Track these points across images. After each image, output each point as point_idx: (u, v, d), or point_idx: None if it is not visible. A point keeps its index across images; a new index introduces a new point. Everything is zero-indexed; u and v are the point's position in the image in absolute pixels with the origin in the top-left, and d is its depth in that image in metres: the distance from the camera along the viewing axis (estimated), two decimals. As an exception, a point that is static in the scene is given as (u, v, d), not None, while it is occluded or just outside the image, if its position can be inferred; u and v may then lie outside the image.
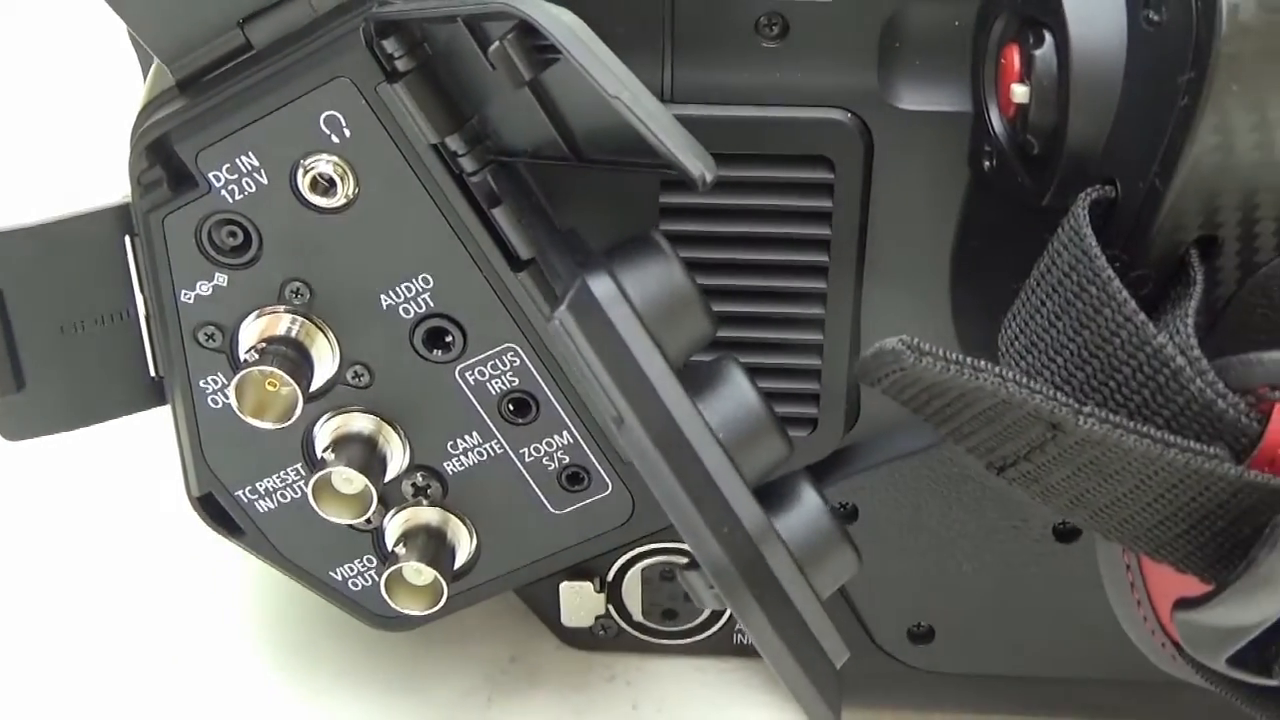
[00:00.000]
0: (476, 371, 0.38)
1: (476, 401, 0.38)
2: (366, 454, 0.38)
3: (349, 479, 0.38)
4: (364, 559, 0.41)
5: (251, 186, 0.36)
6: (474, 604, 0.42)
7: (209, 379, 0.38)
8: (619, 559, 0.44)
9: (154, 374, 0.39)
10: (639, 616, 0.45)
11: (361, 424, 0.39)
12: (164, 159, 0.36)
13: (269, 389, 0.37)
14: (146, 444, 0.50)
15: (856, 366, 0.30)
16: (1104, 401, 0.30)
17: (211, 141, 0.35)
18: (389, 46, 0.34)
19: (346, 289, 0.37)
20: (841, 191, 0.36)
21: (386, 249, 0.36)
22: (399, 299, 0.37)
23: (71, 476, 0.52)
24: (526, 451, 0.39)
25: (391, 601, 0.40)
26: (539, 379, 0.38)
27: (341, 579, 0.42)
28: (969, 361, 0.28)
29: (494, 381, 0.38)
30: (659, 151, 0.28)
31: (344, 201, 0.36)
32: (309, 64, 0.34)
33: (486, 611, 0.48)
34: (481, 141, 0.35)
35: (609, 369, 0.28)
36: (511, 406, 0.38)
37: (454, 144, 0.35)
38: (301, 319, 0.37)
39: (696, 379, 0.31)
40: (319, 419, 0.39)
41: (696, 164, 0.28)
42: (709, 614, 0.45)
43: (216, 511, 0.40)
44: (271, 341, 0.37)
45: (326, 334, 0.38)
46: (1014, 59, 0.33)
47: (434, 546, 0.40)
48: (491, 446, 0.39)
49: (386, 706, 0.45)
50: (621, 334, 0.28)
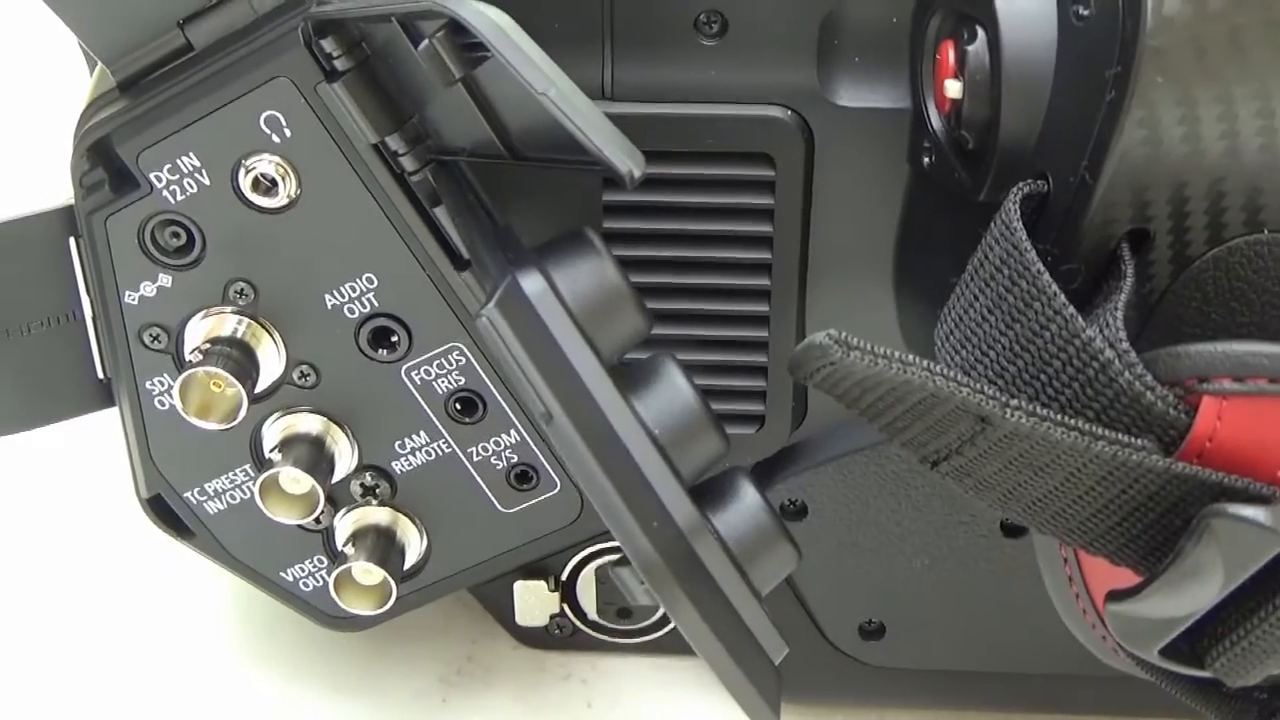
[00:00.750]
0: (422, 371, 0.38)
1: (423, 401, 0.38)
2: (314, 454, 0.38)
3: (296, 479, 0.38)
4: (314, 559, 0.41)
5: (193, 187, 0.36)
6: (426, 603, 0.42)
7: (155, 380, 0.38)
8: (572, 558, 0.44)
9: (102, 376, 0.39)
10: (594, 615, 0.45)
11: (309, 424, 0.39)
12: (105, 160, 0.36)
13: (213, 390, 0.37)
14: (108, 443, 0.50)
15: (789, 361, 0.30)
16: (1036, 395, 0.30)
17: (152, 142, 0.35)
18: (327, 46, 0.34)
19: (291, 289, 0.37)
20: (783, 188, 0.36)
21: (330, 249, 0.36)
22: (343, 299, 0.37)
23: (26, 476, 0.52)
24: (474, 451, 0.39)
25: (341, 601, 0.40)
26: (485, 378, 0.38)
27: (292, 580, 0.42)
28: (896, 355, 0.28)
29: (440, 381, 0.38)
30: (586, 148, 0.28)
31: (286, 201, 0.36)
32: (249, 64, 0.34)
33: (444, 611, 0.48)
34: (422, 141, 0.35)
35: (538, 365, 0.28)
36: (458, 406, 0.38)
37: (394, 143, 0.35)
38: (247, 320, 0.37)
39: (633, 376, 0.31)
40: (266, 419, 0.39)
41: (625, 160, 0.28)
42: (664, 613, 0.45)
43: (166, 513, 0.40)
44: (216, 342, 0.37)
45: (272, 334, 0.38)
46: (949, 55, 0.33)
47: (383, 546, 0.40)
48: (439, 446, 0.39)
49: (342, 706, 0.45)
50: (551, 330, 0.28)
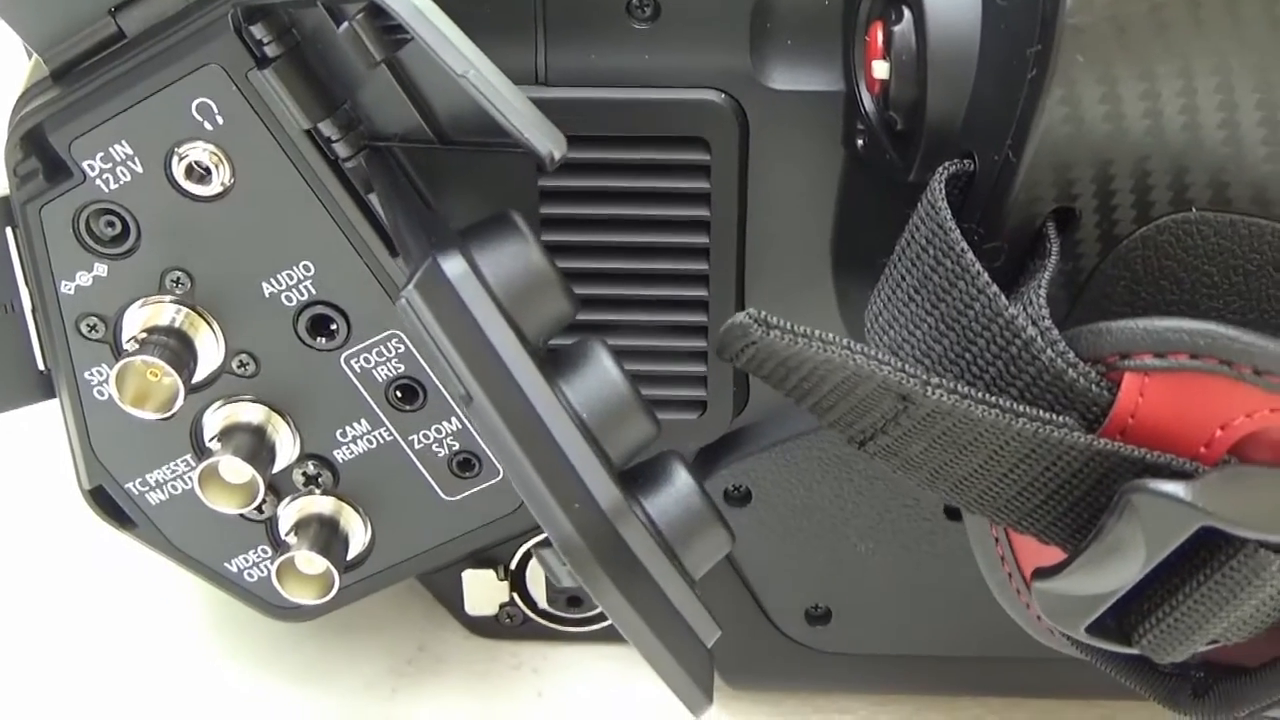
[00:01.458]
0: (362, 359, 0.38)
1: (364, 389, 0.38)
2: (254, 443, 0.38)
3: (236, 469, 0.38)
4: (258, 550, 0.41)
5: (126, 175, 0.36)
6: (372, 593, 0.42)
7: (94, 370, 0.38)
8: (521, 547, 0.44)
9: (42, 367, 0.39)
10: (544, 604, 0.45)
11: (250, 413, 0.39)
12: (39, 149, 0.36)
13: (150, 379, 0.37)
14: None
15: (715, 342, 0.30)
16: (962, 374, 0.30)
17: (84, 130, 0.35)
18: (257, 32, 0.34)
19: (227, 278, 0.37)
20: (718, 172, 0.36)
21: (266, 236, 0.36)
22: (281, 287, 0.37)
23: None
24: (416, 438, 0.39)
25: (283, 591, 0.39)
26: (425, 366, 0.38)
27: (237, 570, 0.41)
28: (816, 334, 0.28)
29: (380, 368, 0.38)
30: (506, 130, 0.28)
31: (220, 189, 0.36)
32: (179, 51, 0.34)
33: (395, 602, 0.48)
34: (355, 127, 0.35)
35: (458, 347, 0.28)
36: (399, 393, 0.38)
37: (327, 129, 0.35)
38: (185, 308, 0.37)
39: (561, 360, 0.31)
40: (207, 409, 0.39)
41: (545, 142, 0.28)
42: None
43: (108, 504, 0.40)
44: (153, 331, 0.37)
45: (210, 323, 0.38)
46: (877, 36, 0.33)
47: (326, 535, 0.40)
48: (381, 434, 0.39)
49: (291, 696, 0.45)
50: (473, 312, 0.28)
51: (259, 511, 0.40)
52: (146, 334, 0.37)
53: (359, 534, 0.41)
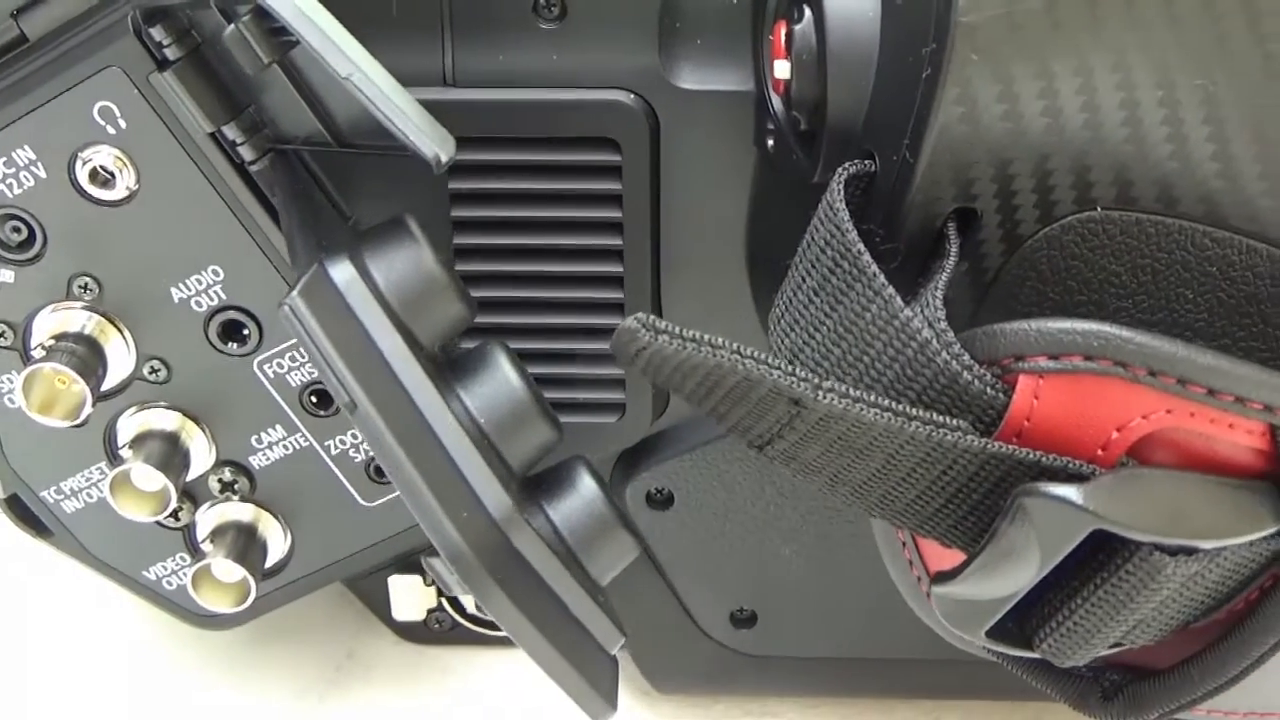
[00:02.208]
0: (275, 364, 0.38)
1: (278, 394, 0.38)
2: (167, 450, 0.38)
3: (148, 476, 0.38)
4: (177, 557, 0.41)
5: (30, 180, 0.35)
6: (293, 600, 0.42)
7: (4, 378, 0.38)
8: (447, 551, 0.44)
9: (-44, 375, 0.39)
10: (472, 609, 0.45)
11: (163, 420, 0.38)
12: (-57, 155, 0.35)
13: (58, 386, 0.36)
14: None
15: (611, 348, 0.29)
16: (860, 377, 0.29)
17: (-14, 135, 0.35)
18: (157, 34, 0.33)
19: (136, 283, 0.36)
20: (630, 173, 0.36)
21: (173, 241, 0.36)
22: (190, 292, 0.37)
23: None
24: (332, 444, 0.39)
25: (198, 599, 0.39)
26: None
27: (155, 578, 0.41)
28: (706, 339, 0.27)
29: (294, 374, 0.38)
30: (392, 133, 0.27)
31: (126, 194, 0.35)
32: (79, 54, 0.34)
33: (325, 608, 0.48)
34: (259, 130, 0.34)
35: (342, 353, 0.27)
36: (314, 399, 0.38)
37: (231, 133, 0.34)
38: (95, 315, 0.37)
39: (459, 365, 0.31)
40: (120, 415, 0.38)
41: (430, 145, 0.27)
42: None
43: (24, 512, 0.40)
44: (62, 338, 0.36)
45: (120, 329, 0.37)
46: (781, 35, 0.33)
47: (244, 543, 0.39)
48: (296, 440, 0.39)
49: (220, 704, 0.45)
50: (360, 318, 0.28)
51: (175, 519, 0.40)
52: (55, 340, 0.36)
53: (278, 541, 0.40)
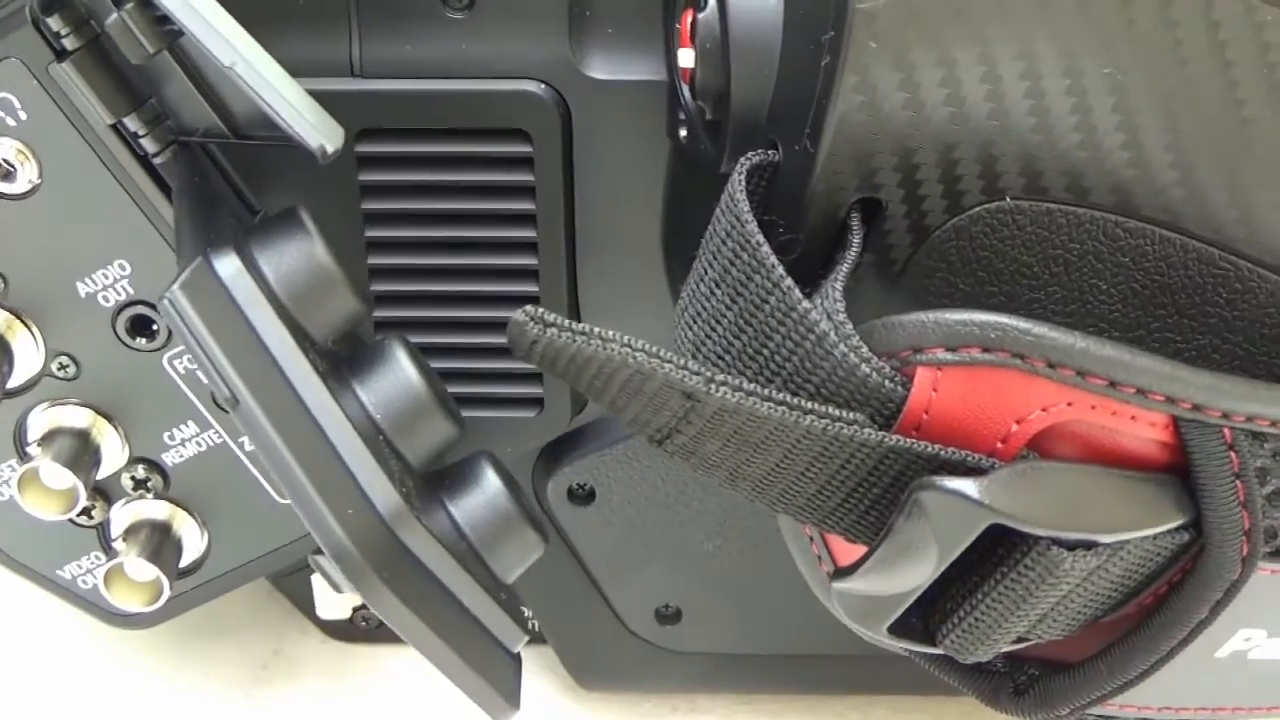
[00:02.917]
0: (186, 360, 0.37)
1: (189, 390, 0.37)
2: (77, 448, 0.37)
3: (58, 474, 0.37)
4: (91, 556, 0.40)
5: (-70, 174, 0.35)
6: (212, 598, 0.41)
7: (-92, 377, 0.37)
8: (371, 548, 0.43)
9: None
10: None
11: (74, 417, 0.38)
12: None
13: (-39, 383, 0.36)
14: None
15: (508, 342, 0.29)
16: (760, 370, 0.29)
17: (-116, 129, 0.34)
18: (54, 24, 0.33)
19: (42, 278, 0.36)
20: (542, 164, 0.35)
21: (78, 235, 0.35)
22: (97, 286, 0.36)
23: None
24: (246, 440, 0.38)
25: (110, 598, 0.38)
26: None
27: (70, 577, 0.40)
28: (596, 332, 0.27)
29: (205, 369, 0.37)
30: (277, 123, 0.27)
31: (28, 187, 0.35)
32: (-24, 46, 0.33)
33: (253, 606, 0.47)
34: (162, 122, 0.34)
35: (225, 348, 0.27)
36: (226, 394, 0.38)
37: (133, 124, 0.34)
38: (2, 310, 0.36)
39: (357, 360, 0.30)
40: (30, 412, 0.38)
41: (315, 136, 0.27)
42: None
43: (-65, 511, 0.39)
44: (-34, 334, 0.36)
45: (28, 325, 0.37)
46: (687, 24, 0.32)
47: (158, 541, 0.39)
48: (209, 436, 0.38)
49: (146, 702, 0.44)
50: (245, 311, 0.27)
51: (88, 517, 0.39)
52: (-42, 337, 0.36)
53: (194, 539, 0.40)
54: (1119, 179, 0.30)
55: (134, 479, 0.39)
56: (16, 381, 0.37)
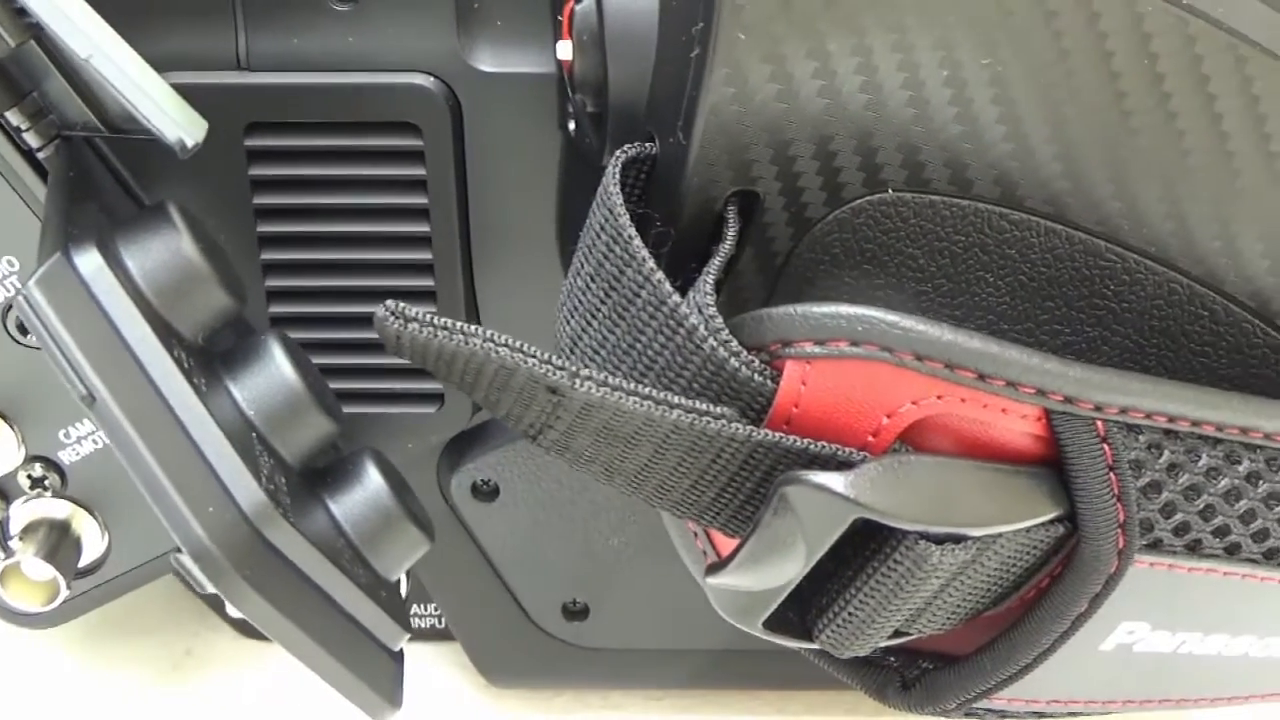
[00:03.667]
0: (77, 356, 0.37)
1: (83, 388, 0.37)
2: (-30, 446, 0.37)
3: (-52, 473, 0.37)
4: (-10, 555, 0.40)
5: None
6: (115, 598, 0.40)
7: None
8: (280, 546, 0.43)
9: None
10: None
11: (-35, 415, 0.37)
12: None
13: None
14: None
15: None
16: (634, 365, 0.29)
17: None
18: (-72, 18, 0.32)
19: (-72, 275, 0.36)
20: (433, 158, 0.35)
21: (-37, 231, 0.35)
22: (-15, 283, 0.36)
23: None
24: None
25: (6, 597, 0.38)
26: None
27: (-32, 576, 0.40)
28: (458, 326, 0.27)
29: (99, 367, 0.37)
30: (136, 117, 0.27)
31: (-89, 183, 0.34)
32: None
33: (165, 604, 0.47)
34: (44, 116, 0.33)
35: (81, 345, 0.26)
36: (122, 392, 0.37)
37: (15, 118, 0.33)
38: (-112, 309, 0.36)
39: (233, 357, 0.30)
40: (-82, 412, 0.37)
41: (174, 129, 0.26)
42: (383, 599, 0.44)
43: None
44: None
45: (-84, 323, 0.36)
46: (567, 15, 0.32)
47: (55, 540, 0.38)
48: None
49: (55, 702, 0.44)
50: (105, 307, 0.27)
51: (-17, 516, 0.39)
52: None
53: (94, 538, 0.39)
54: (1002, 170, 0.30)
55: (30, 477, 0.38)
56: (-97, 380, 0.36)
